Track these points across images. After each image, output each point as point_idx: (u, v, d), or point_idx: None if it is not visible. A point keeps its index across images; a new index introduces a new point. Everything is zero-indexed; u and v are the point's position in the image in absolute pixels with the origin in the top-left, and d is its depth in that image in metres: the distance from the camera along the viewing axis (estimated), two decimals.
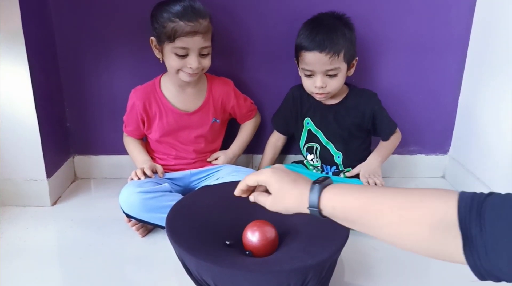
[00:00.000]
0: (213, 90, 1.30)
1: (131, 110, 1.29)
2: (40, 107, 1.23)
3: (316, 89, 1.21)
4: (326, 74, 1.19)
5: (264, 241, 0.91)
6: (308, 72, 1.20)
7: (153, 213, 1.10)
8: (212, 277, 0.82)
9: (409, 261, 1.07)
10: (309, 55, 1.17)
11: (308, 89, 1.24)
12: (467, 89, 1.41)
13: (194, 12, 1.13)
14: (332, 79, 1.20)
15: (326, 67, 1.17)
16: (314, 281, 0.82)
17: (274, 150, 1.42)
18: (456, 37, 1.37)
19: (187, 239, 0.88)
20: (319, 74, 1.19)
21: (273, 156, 1.42)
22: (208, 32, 1.17)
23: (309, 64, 1.18)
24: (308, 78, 1.22)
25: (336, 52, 1.15)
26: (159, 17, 1.14)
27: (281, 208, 0.73)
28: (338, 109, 1.29)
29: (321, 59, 1.16)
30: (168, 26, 1.12)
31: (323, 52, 1.15)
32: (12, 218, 1.24)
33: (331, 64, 1.16)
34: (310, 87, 1.23)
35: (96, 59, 1.37)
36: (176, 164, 1.31)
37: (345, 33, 1.17)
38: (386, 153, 1.32)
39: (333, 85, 1.20)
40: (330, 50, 1.15)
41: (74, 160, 1.49)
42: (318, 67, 1.17)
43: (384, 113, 1.29)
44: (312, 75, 1.20)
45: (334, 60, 1.16)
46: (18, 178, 1.28)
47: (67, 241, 1.15)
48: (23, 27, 1.14)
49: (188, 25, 1.12)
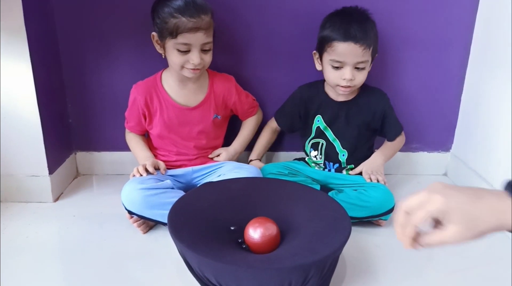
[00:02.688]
0: (215, 86, 1.30)
1: (132, 105, 1.29)
2: (42, 104, 1.23)
3: (343, 81, 1.19)
4: (355, 66, 1.18)
5: (266, 237, 0.91)
6: (337, 63, 1.19)
7: (155, 210, 1.10)
8: (214, 273, 0.83)
9: (410, 258, 1.07)
10: (342, 45, 1.16)
11: (333, 82, 1.22)
12: (469, 86, 1.40)
13: (196, 8, 1.13)
14: (360, 72, 1.19)
15: (358, 59, 1.17)
16: (316, 278, 0.82)
17: (271, 135, 1.42)
18: (459, 35, 1.36)
19: (189, 236, 0.88)
20: (349, 66, 1.18)
21: (269, 140, 1.42)
22: (210, 28, 1.17)
23: (341, 55, 1.17)
24: (336, 70, 1.20)
25: (368, 44, 1.16)
26: (161, 12, 1.14)
27: (474, 237, 0.56)
28: (350, 107, 1.29)
29: (354, 50, 1.15)
30: (170, 22, 1.12)
31: (358, 43, 1.15)
32: (14, 214, 1.24)
33: (363, 56, 1.17)
34: (336, 79, 1.21)
35: (98, 56, 1.37)
36: (178, 160, 1.31)
37: (373, 27, 1.19)
38: (390, 153, 1.34)
39: (360, 78, 1.20)
40: (364, 42, 1.15)
41: (76, 156, 1.49)
42: (350, 58, 1.17)
43: (393, 113, 1.30)
44: (341, 67, 1.19)
45: (366, 52, 1.16)
46: (20, 174, 1.28)
47: (69, 237, 1.15)
48: (26, 23, 1.14)
49: (190, 21, 1.12)
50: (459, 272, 1.02)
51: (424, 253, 1.11)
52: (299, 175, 1.30)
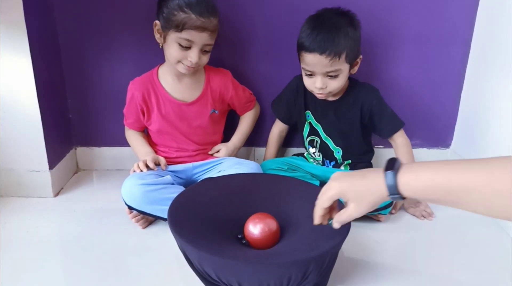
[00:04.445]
0: (211, 81, 1.30)
1: (130, 102, 1.29)
2: (42, 98, 1.23)
3: (316, 89, 1.19)
4: (326, 75, 1.16)
5: (265, 233, 0.92)
6: (308, 72, 1.18)
7: (155, 205, 1.10)
8: (214, 268, 0.83)
9: (409, 253, 1.07)
10: (309, 56, 1.14)
11: (309, 88, 1.23)
12: (470, 83, 1.40)
13: (207, 8, 1.12)
14: (332, 79, 1.17)
15: (326, 69, 1.14)
16: (315, 273, 0.83)
17: (278, 141, 1.42)
18: (460, 31, 1.36)
19: (189, 231, 0.89)
20: (319, 75, 1.16)
21: (277, 147, 1.42)
22: (215, 31, 1.17)
23: (309, 65, 1.15)
24: (309, 77, 1.20)
25: (337, 54, 1.11)
26: (170, 2, 1.13)
27: (366, 209, 0.73)
28: (338, 105, 1.28)
29: (321, 61, 1.12)
30: (178, 15, 1.11)
31: (323, 54, 1.11)
32: (15, 209, 1.25)
33: (332, 66, 1.13)
34: (310, 86, 1.21)
35: (98, 50, 1.37)
36: (178, 156, 1.31)
37: (348, 32, 1.13)
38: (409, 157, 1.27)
39: (333, 85, 1.18)
40: (331, 52, 1.11)
41: (76, 151, 1.49)
42: (318, 68, 1.15)
43: (385, 109, 1.26)
44: (312, 75, 1.18)
45: (335, 62, 1.12)
46: (20, 169, 1.28)
47: (69, 232, 1.15)
48: (26, 18, 1.14)
49: (199, 19, 1.11)
50: (458, 268, 1.02)
51: (423, 249, 1.11)
52: (299, 170, 1.30)
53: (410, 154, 1.28)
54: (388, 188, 0.67)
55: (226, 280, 0.83)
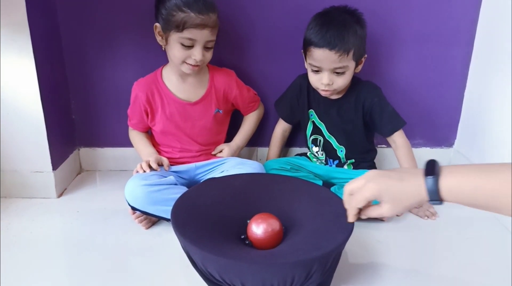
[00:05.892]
0: (215, 81, 1.30)
1: (134, 103, 1.29)
2: (45, 99, 1.24)
3: (322, 85, 1.19)
4: (333, 71, 1.17)
5: (268, 233, 0.92)
6: (315, 67, 1.19)
7: (158, 206, 1.10)
8: (217, 269, 0.83)
9: (412, 253, 1.07)
10: (318, 51, 1.15)
11: (314, 85, 1.23)
12: (473, 82, 1.40)
13: (205, 5, 1.13)
14: (339, 76, 1.18)
15: (335, 65, 1.15)
16: (319, 273, 0.82)
17: (281, 141, 1.42)
18: (462, 30, 1.36)
19: (192, 231, 0.89)
20: (326, 71, 1.17)
21: (280, 147, 1.42)
22: (216, 27, 1.17)
23: (317, 60, 1.16)
24: (315, 73, 1.20)
25: (346, 50, 1.13)
26: (167, 3, 1.13)
27: (401, 212, 0.74)
28: (341, 104, 1.28)
29: (330, 56, 1.14)
30: (177, 15, 1.12)
31: (333, 50, 1.12)
32: (18, 210, 1.25)
33: (340, 62, 1.14)
34: (316, 82, 1.22)
35: (101, 51, 1.37)
36: (181, 157, 1.31)
37: (357, 30, 1.15)
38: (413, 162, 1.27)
39: (339, 82, 1.19)
40: (340, 48, 1.12)
41: (79, 152, 1.49)
42: (326, 64, 1.16)
43: (387, 107, 1.26)
44: (319, 71, 1.19)
45: (343, 58, 1.14)
46: (24, 170, 1.29)
47: (73, 232, 1.16)
48: (29, 19, 1.14)
49: (198, 17, 1.11)
50: (461, 268, 1.02)
51: (427, 249, 1.11)
52: (301, 170, 1.30)
53: (411, 156, 1.27)
54: (429, 194, 0.67)
55: (230, 280, 0.83)
